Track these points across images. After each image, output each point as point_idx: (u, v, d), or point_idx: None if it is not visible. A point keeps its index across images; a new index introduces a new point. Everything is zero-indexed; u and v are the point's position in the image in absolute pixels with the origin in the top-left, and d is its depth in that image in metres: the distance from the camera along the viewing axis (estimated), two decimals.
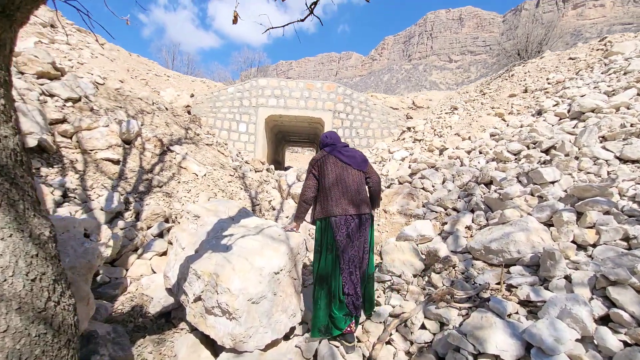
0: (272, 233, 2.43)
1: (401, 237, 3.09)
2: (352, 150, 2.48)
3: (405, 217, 3.83)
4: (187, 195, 5.06)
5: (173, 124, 7.46)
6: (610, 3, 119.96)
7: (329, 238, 2.26)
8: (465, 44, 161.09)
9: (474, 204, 3.36)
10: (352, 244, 2.23)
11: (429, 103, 10.58)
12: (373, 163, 6.29)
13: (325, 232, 2.29)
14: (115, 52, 10.29)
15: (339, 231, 2.22)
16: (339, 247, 2.21)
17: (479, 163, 4.26)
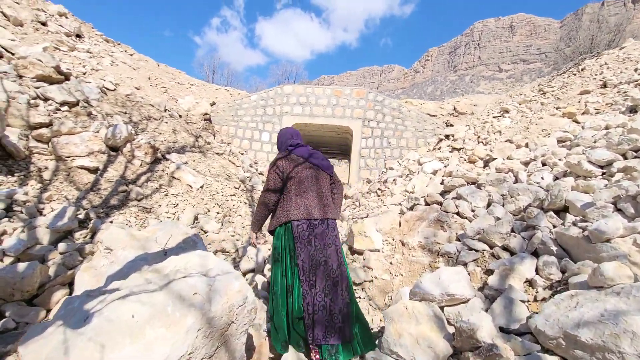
0: (185, 289, 1.48)
1: (417, 292, 1.96)
2: (317, 152, 2.20)
3: (430, 255, 2.67)
4: (171, 211, 4.33)
5: (182, 131, 6.96)
6: None
7: (289, 245, 1.98)
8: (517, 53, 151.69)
9: (539, 243, 2.14)
10: (315, 251, 1.93)
11: (474, 109, 9.13)
12: (399, 177, 5.14)
13: (286, 239, 2.00)
14: (142, 62, 10.32)
15: (300, 237, 1.94)
16: (299, 256, 1.92)
17: (543, 179, 2.97)
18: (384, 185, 5.19)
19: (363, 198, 5.24)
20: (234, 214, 5.24)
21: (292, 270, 1.94)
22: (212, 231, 4.34)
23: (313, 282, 1.89)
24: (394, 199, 4.21)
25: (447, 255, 2.56)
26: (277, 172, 2.06)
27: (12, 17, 6.48)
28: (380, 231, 3.26)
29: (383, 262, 2.84)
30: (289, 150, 2.15)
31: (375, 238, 3.11)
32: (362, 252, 3.11)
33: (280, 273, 1.99)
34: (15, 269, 2.42)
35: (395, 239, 3.08)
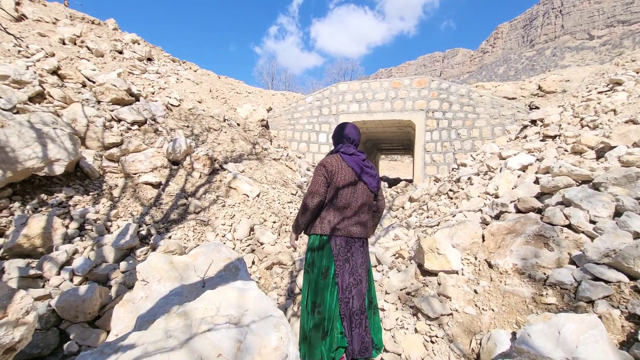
0: (208, 349, 1.17)
1: (523, 350, 1.38)
2: (369, 166, 2.02)
3: (533, 285, 2.01)
4: (227, 223, 4.27)
5: (240, 139, 7.05)
6: None
7: (325, 260, 1.92)
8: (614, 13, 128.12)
9: None
10: (351, 270, 1.91)
11: (566, 85, 7.59)
12: (475, 175, 4.36)
13: (322, 252, 1.94)
14: (205, 77, 10.92)
15: (338, 255, 1.91)
16: (337, 274, 1.89)
17: None
18: (457, 185, 4.45)
19: (432, 201, 4.58)
20: (290, 222, 5.03)
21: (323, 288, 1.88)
22: (268, 243, 4.16)
23: (348, 300, 1.86)
24: (471, 203, 3.51)
25: (559, 287, 1.88)
26: (325, 174, 1.94)
27: (94, 50, 7.28)
28: (458, 247, 2.66)
29: (464, 289, 2.25)
30: (341, 155, 1.99)
31: (452, 256, 2.52)
32: (436, 273, 2.55)
33: (308, 288, 1.97)
34: (77, 292, 2.47)
35: (479, 259, 2.45)
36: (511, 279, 2.10)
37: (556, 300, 1.83)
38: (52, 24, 7.46)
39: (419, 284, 2.50)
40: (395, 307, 2.46)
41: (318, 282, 1.88)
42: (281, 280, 3.75)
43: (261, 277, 3.72)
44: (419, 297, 2.31)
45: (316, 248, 1.94)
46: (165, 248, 3.24)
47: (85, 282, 2.83)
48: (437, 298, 2.22)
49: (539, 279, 2.00)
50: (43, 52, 5.83)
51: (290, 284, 3.68)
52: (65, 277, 2.73)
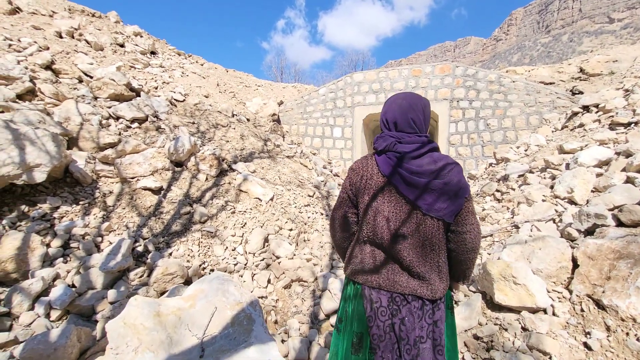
0: None
1: None
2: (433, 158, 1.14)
3: None
4: (238, 233, 3.70)
5: (250, 136, 6.47)
6: None
7: (356, 323, 1.21)
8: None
9: None
10: (398, 348, 1.12)
11: (613, 66, 6.71)
12: (528, 172, 3.67)
13: (353, 309, 1.23)
14: (212, 70, 10.37)
15: (376, 317, 1.16)
16: (374, 348, 1.15)
17: None
18: (505, 184, 3.76)
19: (474, 203, 3.89)
20: (309, 229, 4.44)
21: None
22: (285, 256, 3.57)
23: None
24: (536, 209, 2.83)
25: None
26: (347, 186, 1.28)
27: (93, 43, 6.78)
28: (540, 273, 2.00)
29: (567, 340, 1.61)
30: (374, 152, 1.26)
31: (535, 287, 1.88)
32: (513, 309, 1.91)
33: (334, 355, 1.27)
34: (47, 337, 1.92)
35: (578, 293, 1.80)
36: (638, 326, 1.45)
37: None
38: (49, 16, 6.98)
39: (493, 326, 1.87)
40: (462, 357, 1.84)
41: (348, 356, 1.21)
42: (302, 302, 3.16)
43: (279, 299, 3.14)
44: (500, 351, 1.68)
45: (348, 298, 1.28)
46: (164, 270, 2.69)
47: (65, 318, 2.30)
48: (529, 354, 1.58)
49: None
50: (36, 46, 5.33)
51: (314, 307, 3.09)
52: (40, 313, 2.21)
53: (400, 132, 1.19)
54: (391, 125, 1.22)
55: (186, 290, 1.67)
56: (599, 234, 2.05)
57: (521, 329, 1.78)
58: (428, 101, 1.27)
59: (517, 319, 1.85)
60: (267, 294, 3.11)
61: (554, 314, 1.79)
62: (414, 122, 1.18)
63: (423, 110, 1.20)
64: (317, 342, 2.60)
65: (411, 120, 1.18)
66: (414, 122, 1.18)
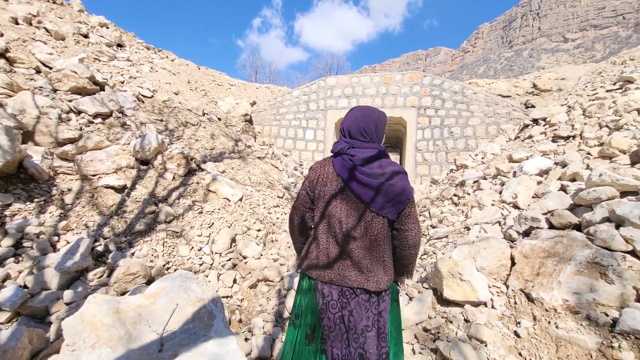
0: None
1: None
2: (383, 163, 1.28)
3: (593, 328, 1.58)
4: (204, 233, 3.69)
5: (221, 135, 6.42)
6: None
7: (310, 315, 1.31)
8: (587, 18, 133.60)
9: None
10: (348, 339, 1.24)
11: (562, 84, 7.37)
12: (482, 178, 3.96)
13: (307, 303, 1.34)
14: (183, 67, 10.12)
15: (327, 310, 1.26)
16: (325, 338, 1.26)
17: None
18: (462, 189, 4.04)
19: (434, 207, 4.15)
20: (277, 230, 4.50)
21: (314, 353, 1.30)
22: (253, 256, 3.61)
23: None
24: (485, 213, 3.09)
25: (634, 336, 1.46)
26: (306, 184, 1.40)
27: (53, 32, 6.41)
28: (483, 271, 2.22)
29: (501, 329, 1.81)
30: (334, 160, 1.36)
31: (478, 283, 2.08)
32: (458, 303, 2.10)
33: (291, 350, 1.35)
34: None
35: (512, 287, 2.02)
36: (563, 320, 1.67)
37: (634, 357, 1.40)
38: (4, 0, 6.53)
39: (440, 319, 2.04)
40: (412, 348, 1.99)
41: (301, 348, 1.30)
42: (268, 301, 3.22)
43: (244, 299, 3.18)
44: (444, 340, 1.85)
45: (302, 292, 1.38)
46: (126, 270, 2.65)
47: (15, 320, 2.21)
48: (468, 343, 1.76)
49: (603, 323, 1.57)
50: None
51: (279, 305, 3.16)
52: None
53: (354, 140, 1.32)
54: (346, 133, 1.35)
55: (148, 288, 1.69)
56: (533, 235, 2.31)
57: (464, 320, 1.97)
58: (383, 115, 1.42)
59: (461, 312, 2.03)
60: (233, 293, 3.14)
61: (493, 307, 1.99)
62: (365, 132, 1.31)
63: (376, 123, 1.34)
64: (280, 339, 2.67)
65: (362, 130, 1.31)
66: (365, 132, 1.31)
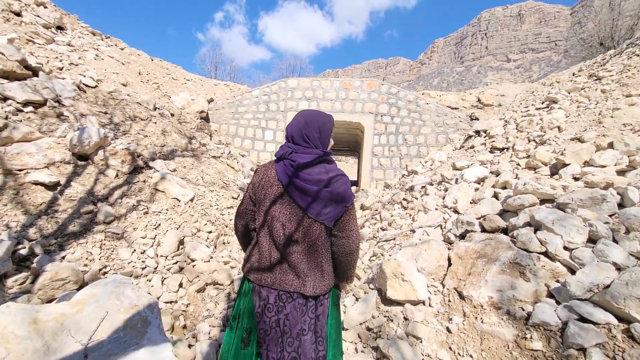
0: None
1: None
2: (322, 169, 1.28)
3: (513, 323, 1.76)
4: (150, 235, 3.48)
5: (173, 132, 6.11)
6: None
7: (246, 318, 1.31)
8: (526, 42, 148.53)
9: None
10: (282, 341, 1.24)
11: (501, 100, 8.11)
12: (429, 184, 4.21)
13: (246, 303, 1.33)
14: (134, 57, 9.48)
15: (263, 313, 1.26)
16: (261, 342, 1.26)
17: None
18: (410, 194, 4.26)
19: (385, 210, 4.33)
20: (230, 232, 4.39)
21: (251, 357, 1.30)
22: (201, 259, 3.48)
23: None
24: (429, 217, 3.29)
25: (543, 328, 1.65)
26: (250, 189, 1.40)
27: None
28: (423, 271, 2.36)
29: (435, 326, 1.94)
30: (275, 159, 1.40)
31: (418, 284, 2.21)
32: (400, 303, 2.21)
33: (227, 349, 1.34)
34: None
35: (447, 286, 2.17)
36: (488, 315, 1.84)
37: (542, 346, 1.59)
38: None
39: (382, 318, 2.14)
40: (355, 347, 2.06)
41: (237, 351, 1.29)
42: (216, 305, 3.12)
43: (190, 303, 3.05)
44: (385, 339, 1.94)
45: (242, 295, 1.37)
46: (54, 275, 2.41)
47: None
48: (406, 340, 1.87)
49: (519, 317, 1.76)
50: None
51: (227, 309, 3.08)
52: None
53: (297, 145, 1.33)
54: (290, 138, 1.37)
55: (75, 296, 1.56)
56: (468, 238, 2.51)
57: (403, 319, 2.08)
58: (329, 120, 1.43)
59: (402, 310, 2.15)
60: (178, 298, 3.00)
61: (430, 305, 2.13)
62: (307, 137, 1.32)
63: (319, 128, 1.35)
64: None
65: (305, 136, 1.32)
66: (308, 138, 1.32)
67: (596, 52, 9.66)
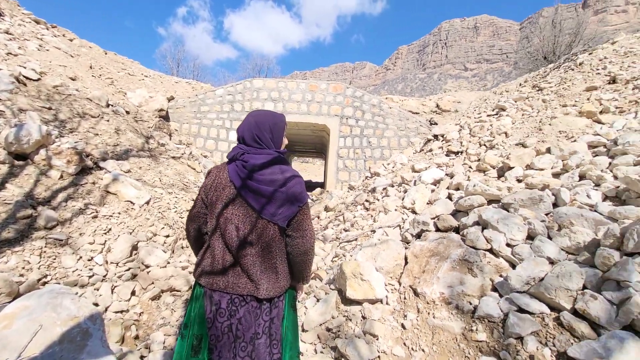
0: None
1: None
2: (276, 169, 1.28)
3: (461, 317, 1.86)
4: (99, 240, 3.25)
5: (128, 131, 5.76)
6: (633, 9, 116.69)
7: (197, 325, 1.27)
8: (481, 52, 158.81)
9: (639, 313, 1.39)
10: (234, 347, 1.20)
11: (458, 106, 8.60)
12: (390, 186, 4.34)
13: (197, 309, 1.29)
14: (85, 49, 8.83)
15: (215, 319, 1.22)
16: (212, 348, 1.21)
17: (590, 198, 2.28)
18: (372, 195, 4.38)
19: (348, 211, 4.41)
20: None
21: None
22: (157, 265, 3.31)
23: None
24: (389, 217, 3.40)
25: (487, 320, 1.77)
26: (202, 191, 1.36)
27: None
28: (382, 270, 2.43)
29: (391, 323, 2.00)
30: (227, 161, 1.37)
31: (376, 283, 2.27)
32: (359, 302, 2.26)
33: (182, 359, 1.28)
34: None
35: (404, 284, 2.26)
36: (439, 310, 1.93)
37: (486, 337, 1.70)
38: None
39: (342, 318, 2.17)
40: (315, 348, 2.07)
41: (188, 359, 1.26)
42: (172, 313, 2.99)
43: (143, 312, 2.88)
44: (343, 338, 1.97)
45: (193, 300, 1.33)
46: None
47: None
48: (363, 338, 1.91)
49: (467, 311, 1.87)
50: None
51: (184, 316, 2.96)
52: None
53: (249, 146, 1.32)
54: (241, 139, 1.35)
55: (4, 309, 1.42)
56: (423, 237, 2.62)
57: (361, 317, 2.13)
58: (281, 120, 1.41)
59: (360, 309, 2.20)
60: (130, 307, 2.83)
61: (387, 303, 2.20)
62: (259, 138, 1.30)
63: (270, 128, 1.34)
64: None
65: (256, 137, 1.30)
66: (259, 139, 1.31)
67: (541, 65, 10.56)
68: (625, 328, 1.45)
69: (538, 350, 1.52)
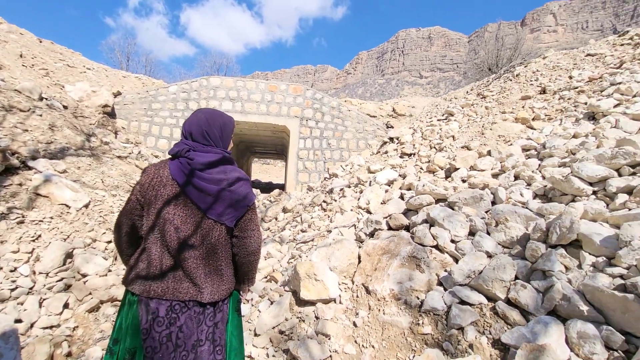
0: None
1: None
2: (222, 168, 1.23)
3: (409, 312, 1.93)
4: (25, 249, 2.89)
5: (65, 127, 5.24)
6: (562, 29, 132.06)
7: (130, 338, 1.14)
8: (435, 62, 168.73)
9: (560, 299, 1.54)
10: (174, 356, 1.12)
11: (412, 110, 9.01)
12: (347, 187, 4.41)
13: (128, 320, 1.17)
14: (14, 35, 7.89)
15: (152, 329, 1.11)
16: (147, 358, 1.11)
17: (523, 196, 2.49)
18: (330, 196, 4.41)
19: (306, 212, 4.40)
20: None
21: None
22: (96, 273, 3.03)
23: None
24: (345, 217, 3.45)
25: (432, 313, 1.85)
26: (137, 190, 1.24)
27: None
28: (335, 270, 2.44)
29: (343, 322, 2.02)
30: (170, 158, 1.27)
31: (330, 282, 2.28)
32: (313, 303, 2.25)
33: None
34: None
35: (356, 283, 2.29)
36: (389, 306, 1.99)
37: (431, 330, 1.78)
38: None
39: (295, 320, 2.14)
40: (266, 352, 2.02)
41: None
42: (112, 325, 2.74)
43: (78, 326, 2.62)
44: (295, 340, 1.94)
45: (125, 309, 1.21)
46: None
47: None
48: (315, 339, 1.90)
49: (414, 306, 1.94)
50: None
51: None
52: None
53: (195, 143, 1.25)
54: (187, 135, 1.27)
55: None
56: (376, 236, 2.69)
57: (315, 318, 2.12)
58: (230, 121, 1.37)
59: (314, 310, 2.19)
60: (62, 321, 2.55)
61: (340, 302, 2.21)
62: (208, 135, 1.25)
63: (221, 127, 1.29)
64: None
65: (205, 133, 1.25)
66: (208, 135, 1.25)
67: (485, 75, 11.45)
68: (550, 313, 1.59)
69: (476, 339, 1.61)
